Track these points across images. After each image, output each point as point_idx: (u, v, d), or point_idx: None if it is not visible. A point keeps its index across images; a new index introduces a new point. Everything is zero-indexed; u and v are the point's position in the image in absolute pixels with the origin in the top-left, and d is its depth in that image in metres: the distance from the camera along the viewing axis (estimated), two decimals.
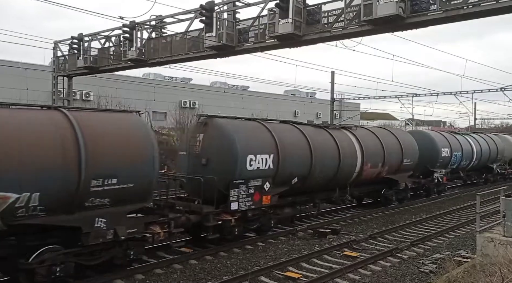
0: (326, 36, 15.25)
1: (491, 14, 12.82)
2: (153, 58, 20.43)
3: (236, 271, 10.59)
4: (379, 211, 18.88)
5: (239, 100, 48.34)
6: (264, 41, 16.67)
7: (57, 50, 25.01)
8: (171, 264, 10.76)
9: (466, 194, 25.39)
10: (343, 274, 10.37)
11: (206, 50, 17.99)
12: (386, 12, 13.04)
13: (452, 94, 33.83)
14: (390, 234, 14.85)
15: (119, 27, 20.69)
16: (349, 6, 14.50)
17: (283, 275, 10.31)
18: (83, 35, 22.80)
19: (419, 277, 10.46)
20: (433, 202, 22.16)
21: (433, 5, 12.87)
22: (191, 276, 10.17)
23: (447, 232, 15.22)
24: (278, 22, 15.13)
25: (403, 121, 71.17)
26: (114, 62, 22.31)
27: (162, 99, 39.69)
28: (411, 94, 35.46)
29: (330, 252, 12.37)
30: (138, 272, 10.09)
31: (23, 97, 28.33)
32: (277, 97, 52.17)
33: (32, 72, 31.30)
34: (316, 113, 59.21)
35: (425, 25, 14.01)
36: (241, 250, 12.32)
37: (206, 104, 44.44)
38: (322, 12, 15.14)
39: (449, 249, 12.80)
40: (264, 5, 16.16)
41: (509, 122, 79.39)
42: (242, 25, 17.28)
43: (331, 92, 40.07)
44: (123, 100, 33.49)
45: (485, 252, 10.12)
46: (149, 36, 20.50)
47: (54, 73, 25.22)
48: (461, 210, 19.92)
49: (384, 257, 11.93)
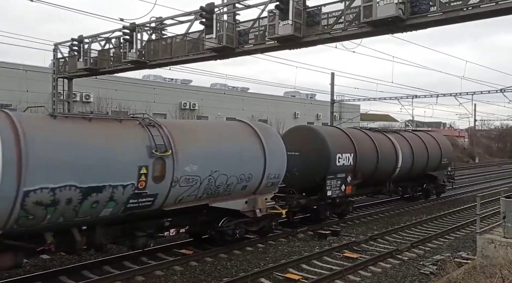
0: (326, 37, 15.28)
1: (491, 16, 12.84)
2: (153, 60, 20.45)
3: (236, 272, 10.58)
4: (379, 212, 18.90)
5: (239, 101, 48.38)
6: (264, 43, 16.69)
7: (57, 52, 25.03)
8: (171, 265, 10.75)
9: (466, 195, 25.39)
10: (343, 276, 10.36)
11: (206, 52, 18.01)
12: (386, 13, 13.06)
13: (452, 95, 33.90)
14: (390, 235, 14.84)
15: (119, 29, 20.70)
16: (349, 7, 14.53)
17: (283, 276, 10.31)
18: (83, 37, 22.82)
19: (420, 279, 10.45)
20: (433, 204, 22.17)
21: (433, 6, 12.90)
22: (191, 278, 10.16)
23: (447, 234, 15.21)
24: (278, 24, 15.16)
25: (403, 122, 71.18)
26: (114, 64, 22.33)
27: (162, 101, 39.76)
28: (411, 96, 35.53)
29: (330, 254, 12.36)
30: (138, 273, 10.08)
31: (23, 99, 28.40)
32: (277, 98, 52.20)
33: (32, 74, 31.37)
34: (316, 115, 59.23)
35: (425, 27, 14.03)
36: (241, 252, 12.31)
37: (206, 106, 44.50)
38: (322, 14, 15.17)
39: (449, 250, 12.80)
40: (264, 7, 16.19)
41: (509, 123, 79.44)
42: (242, 26, 17.31)
43: (331, 93, 40.14)
44: (123, 102, 33.57)
45: (486, 253, 10.12)
46: (149, 38, 20.53)
47: (54, 75, 25.24)
48: (461, 211, 19.91)
49: (384, 259, 11.92)
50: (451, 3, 12.66)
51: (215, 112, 44.26)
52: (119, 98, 34.10)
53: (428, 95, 35.50)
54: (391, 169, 19.02)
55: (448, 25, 13.99)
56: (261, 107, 48.94)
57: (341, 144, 16.16)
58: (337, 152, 15.64)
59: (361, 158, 16.70)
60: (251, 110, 45.89)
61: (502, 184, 29.85)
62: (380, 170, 18.07)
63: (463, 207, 20.77)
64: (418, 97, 35.39)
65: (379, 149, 17.84)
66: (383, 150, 18.18)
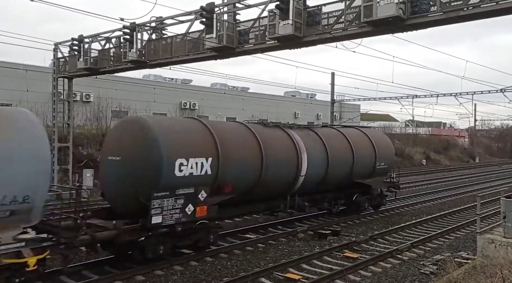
0: (326, 37, 15.26)
1: (491, 16, 12.81)
2: (153, 60, 20.42)
3: (236, 272, 10.59)
4: (379, 212, 18.88)
5: (239, 101, 48.36)
6: (264, 43, 16.67)
7: (58, 51, 25.01)
8: (171, 265, 10.76)
9: (466, 195, 25.39)
10: (343, 276, 10.37)
11: (207, 51, 17.99)
12: (386, 13, 13.04)
13: (452, 95, 33.90)
14: (390, 235, 14.84)
15: (120, 29, 20.68)
16: (349, 7, 14.51)
17: (284, 276, 10.31)
18: (83, 37, 22.80)
19: (420, 279, 10.45)
20: (433, 204, 22.17)
21: (433, 6, 12.88)
22: (192, 278, 10.16)
23: (448, 234, 15.21)
24: (279, 24, 15.13)
25: (403, 122, 71.20)
26: (114, 64, 22.30)
27: (162, 101, 39.75)
28: (411, 96, 35.53)
29: (331, 253, 12.36)
30: (138, 273, 10.09)
31: (24, 98, 28.39)
32: (277, 98, 52.19)
33: (32, 74, 31.35)
34: (316, 114, 59.25)
35: (425, 27, 14.01)
36: (241, 252, 12.32)
37: (206, 106, 44.49)
38: (322, 14, 15.15)
39: (449, 250, 12.80)
40: (264, 6, 16.17)
41: (509, 123, 79.44)
42: (242, 26, 17.29)
43: (331, 93, 40.16)
44: (123, 102, 33.55)
45: (486, 253, 10.12)
46: (150, 37, 20.50)
47: (54, 74, 25.21)
48: (462, 211, 19.91)
49: (384, 259, 11.92)
50: (451, 3, 12.64)
51: (215, 112, 44.25)
52: (119, 97, 34.04)
53: (429, 95, 35.53)
54: (291, 178, 14.18)
55: (448, 25, 13.98)
56: (261, 107, 48.90)
57: (188, 143, 11.10)
58: (177, 157, 10.56)
59: (231, 163, 11.83)
60: (251, 110, 45.84)
61: (502, 184, 29.85)
62: (270, 180, 13.15)
63: (463, 207, 20.78)
64: (418, 97, 35.41)
65: (264, 151, 12.92)
66: (276, 152, 13.43)
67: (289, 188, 14.48)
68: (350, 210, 17.92)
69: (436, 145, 61.02)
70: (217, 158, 11.53)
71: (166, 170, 10.34)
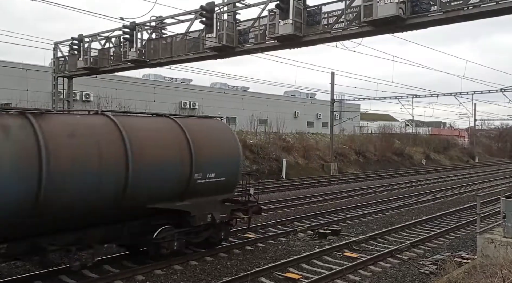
0: (326, 37, 15.28)
1: (491, 15, 12.83)
2: (153, 59, 20.44)
3: (236, 272, 10.58)
4: (379, 212, 18.88)
5: (239, 101, 48.39)
6: (264, 42, 16.69)
7: (57, 51, 25.03)
8: (171, 265, 10.74)
9: (466, 195, 25.39)
10: (343, 275, 10.36)
11: (206, 51, 18.00)
12: (386, 13, 13.05)
13: (452, 95, 33.94)
14: (390, 235, 14.83)
15: (120, 28, 20.70)
16: (349, 7, 14.53)
17: (283, 276, 10.30)
18: (83, 36, 22.81)
19: (419, 278, 10.44)
20: (433, 203, 22.17)
21: (433, 6, 12.89)
22: (191, 277, 10.16)
23: (447, 233, 15.20)
24: (279, 23, 15.14)
25: (403, 122, 71.24)
26: (114, 63, 22.32)
27: (162, 100, 39.74)
28: (411, 95, 35.56)
29: (330, 253, 12.35)
30: (138, 273, 10.08)
31: (23, 97, 28.38)
32: (277, 98, 52.21)
33: (32, 73, 31.35)
34: (316, 114, 59.28)
35: (425, 26, 14.02)
36: (241, 251, 12.31)
37: (206, 105, 44.51)
38: (322, 13, 15.17)
39: (449, 250, 12.79)
40: (264, 6, 16.18)
41: (509, 123, 79.46)
42: (242, 26, 17.30)
43: (331, 93, 40.16)
44: (123, 101, 33.54)
45: (486, 253, 10.12)
46: (149, 37, 20.52)
47: (54, 74, 25.23)
48: (461, 211, 19.90)
49: (384, 258, 11.91)
50: (451, 2, 12.66)
51: (215, 112, 44.26)
52: (119, 97, 34.03)
53: (428, 94, 35.58)
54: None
55: (448, 25, 13.99)
56: (261, 106, 48.94)
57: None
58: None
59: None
60: (251, 110, 45.88)
61: (502, 184, 29.85)
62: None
63: (463, 206, 20.77)
64: (418, 97, 35.47)
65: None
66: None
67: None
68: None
69: (436, 145, 61.04)
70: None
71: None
